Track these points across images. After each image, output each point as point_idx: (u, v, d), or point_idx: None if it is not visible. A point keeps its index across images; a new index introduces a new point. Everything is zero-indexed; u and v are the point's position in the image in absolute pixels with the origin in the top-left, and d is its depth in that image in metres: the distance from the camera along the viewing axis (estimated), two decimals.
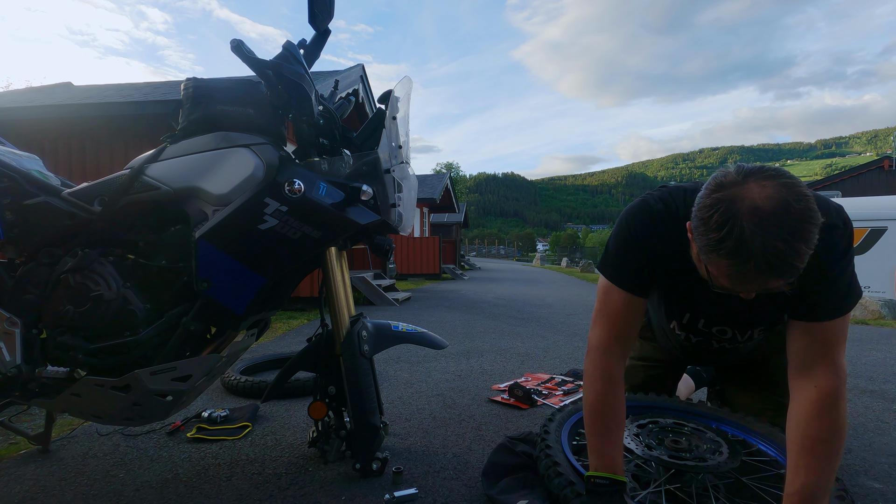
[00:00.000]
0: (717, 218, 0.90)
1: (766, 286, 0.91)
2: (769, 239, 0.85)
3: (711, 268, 0.96)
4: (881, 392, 2.51)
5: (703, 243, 0.93)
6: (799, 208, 0.86)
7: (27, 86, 16.72)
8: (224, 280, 1.33)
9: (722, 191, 0.91)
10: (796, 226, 0.85)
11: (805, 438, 1.01)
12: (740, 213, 0.87)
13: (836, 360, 1.05)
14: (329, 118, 1.54)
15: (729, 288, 0.97)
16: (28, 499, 1.38)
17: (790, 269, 0.87)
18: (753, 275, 0.89)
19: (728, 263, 0.90)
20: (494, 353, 3.42)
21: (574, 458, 1.31)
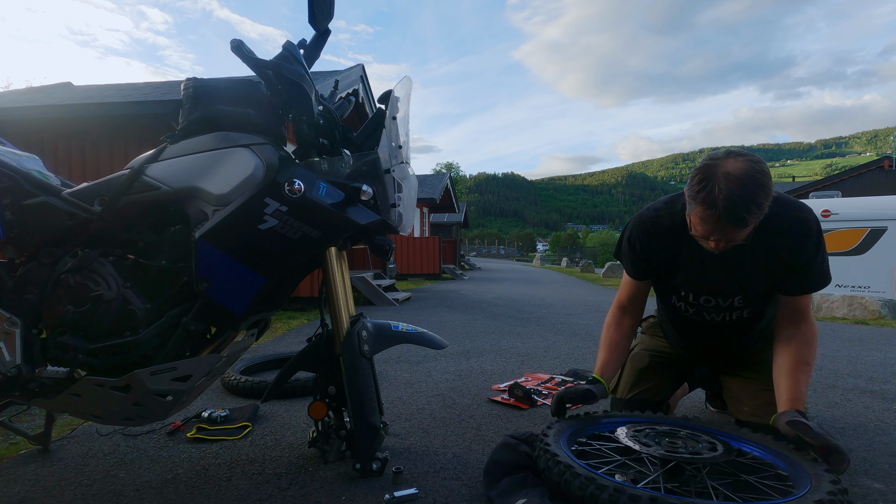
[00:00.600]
0: (700, 176, 1.30)
1: (723, 231, 1.30)
2: (731, 193, 1.23)
3: (692, 216, 1.36)
4: (881, 392, 2.51)
5: (689, 194, 1.34)
6: (758, 179, 1.25)
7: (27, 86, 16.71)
8: (224, 280, 1.33)
9: (709, 160, 1.32)
10: (752, 189, 1.24)
11: (797, 361, 1.46)
12: (716, 174, 1.27)
13: (811, 316, 1.54)
14: (329, 118, 1.54)
15: (703, 233, 1.35)
16: (28, 499, 1.38)
17: (741, 220, 1.25)
18: (715, 220, 1.28)
19: (701, 208, 1.30)
20: (494, 353, 3.42)
21: (571, 454, 1.31)
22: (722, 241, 1.34)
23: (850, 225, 6.52)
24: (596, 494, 1.12)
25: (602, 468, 1.32)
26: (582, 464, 1.26)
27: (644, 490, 1.10)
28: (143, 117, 5.30)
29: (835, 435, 1.28)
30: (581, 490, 1.15)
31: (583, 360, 3.25)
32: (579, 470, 1.20)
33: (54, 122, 5.50)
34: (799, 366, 1.44)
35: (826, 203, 6.79)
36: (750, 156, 1.29)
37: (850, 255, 6.49)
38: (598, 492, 1.12)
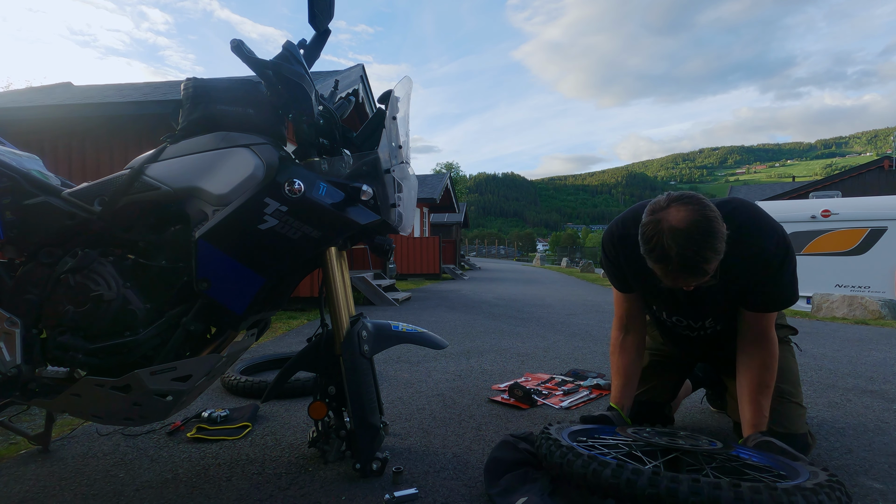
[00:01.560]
0: (648, 234, 1.29)
1: (687, 283, 1.31)
2: (682, 248, 1.22)
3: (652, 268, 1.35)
4: (881, 392, 2.51)
5: (643, 250, 1.34)
6: (704, 226, 1.23)
7: (27, 86, 16.71)
8: (224, 280, 1.33)
9: (653, 214, 1.30)
10: (702, 239, 1.22)
11: (760, 384, 1.46)
12: (663, 230, 1.25)
13: (772, 334, 1.51)
14: (329, 118, 1.54)
15: (669, 284, 1.34)
16: (28, 499, 1.38)
17: (700, 271, 1.25)
18: (675, 275, 1.28)
19: (657, 267, 1.30)
20: (494, 353, 3.42)
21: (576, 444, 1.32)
22: (690, 286, 1.35)
23: (850, 225, 6.52)
24: (599, 471, 1.11)
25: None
26: (583, 447, 1.26)
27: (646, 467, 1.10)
28: (142, 117, 5.30)
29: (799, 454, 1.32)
30: (584, 468, 1.14)
31: (583, 360, 3.25)
32: (581, 451, 1.20)
33: (54, 122, 5.50)
34: (760, 390, 1.46)
35: (826, 203, 6.79)
36: (692, 199, 1.27)
37: (850, 255, 6.49)
38: (601, 468, 1.11)
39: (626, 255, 1.56)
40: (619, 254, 1.59)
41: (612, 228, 1.63)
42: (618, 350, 1.70)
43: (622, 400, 1.64)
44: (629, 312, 1.70)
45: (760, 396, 1.45)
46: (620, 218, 1.62)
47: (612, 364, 1.71)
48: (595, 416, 1.58)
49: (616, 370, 1.69)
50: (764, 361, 1.48)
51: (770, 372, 1.47)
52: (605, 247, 1.64)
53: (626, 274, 1.61)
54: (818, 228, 6.61)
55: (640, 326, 1.71)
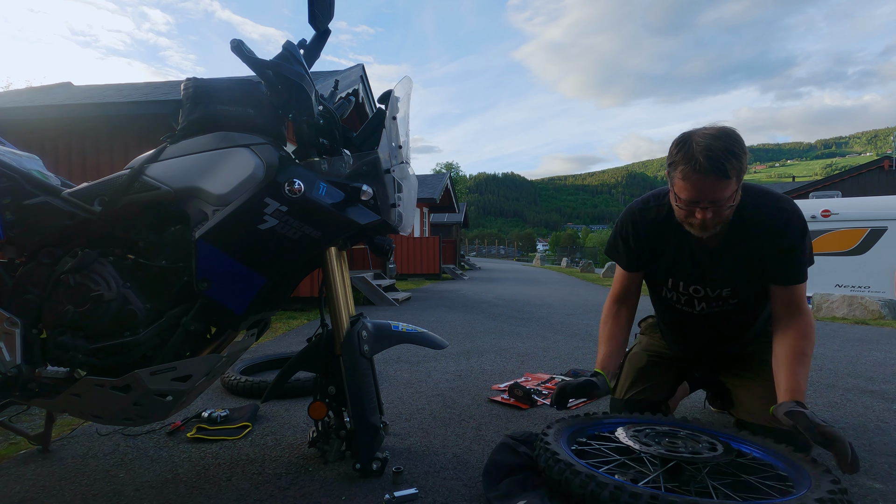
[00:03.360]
0: (677, 141, 1.40)
1: (707, 188, 1.33)
2: (709, 144, 1.31)
3: (674, 185, 1.42)
4: (881, 392, 2.51)
5: (669, 160, 1.42)
6: (732, 136, 1.34)
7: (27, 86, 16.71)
8: (224, 280, 1.33)
9: (685, 133, 1.40)
10: (728, 141, 1.32)
11: (794, 353, 1.46)
12: (692, 136, 1.37)
13: (806, 306, 1.54)
14: (329, 118, 1.54)
15: (685, 201, 1.39)
16: (28, 499, 1.38)
17: (722, 168, 1.30)
18: (697, 173, 1.32)
19: (682, 166, 1.36)
20: (494, 353, 3.42)
21: (572, 454, 1.31)
22: (708, 209, 1.37)
23: (850, 225, 6.52)
24: (597, 492, 1.12)
25: (602, 467, 1.32)
26: (582, 462, 1.26)
27: (644, 488, 1.10)
28: (142, 117, 5.30)
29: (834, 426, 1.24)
30: (581, 488, 1.15)
31: (583, 360, 3.25)
32: (579, 468, 1.20)
33: (54, 122, 5.50)
34: (796, 357, 1.45)
35: (826, 203, 6.79)
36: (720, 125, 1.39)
37: (850, 255, 6.49)
38: (599, 490, 1.12)
39: (645, 227, 1.64)
40: (639, 228, 1.65)
41: (631, 207, 1.71)
42: (611, 318, 1.76)
43: (608, 365, 1.67)
44: (628, 289, 1.77)
45: (796, 364, 1.44)
46: (640, 198, 1.72)
47: (601, 332, 1.76)
48: (580, 382, 1.58)
49: (605, 337, 1.73)
50: (799, 330, 1.48)
51: (806, 339, 1.47)
52: (622, 225, 1.69)
53: (640, 250, 1.67)
54: (818, 228, 6.61)
55: (633, 302, 1.78)
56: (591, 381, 1.58)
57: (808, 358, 1.46)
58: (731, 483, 1.31)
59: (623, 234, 1.69)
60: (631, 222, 1.67)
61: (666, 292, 1.74)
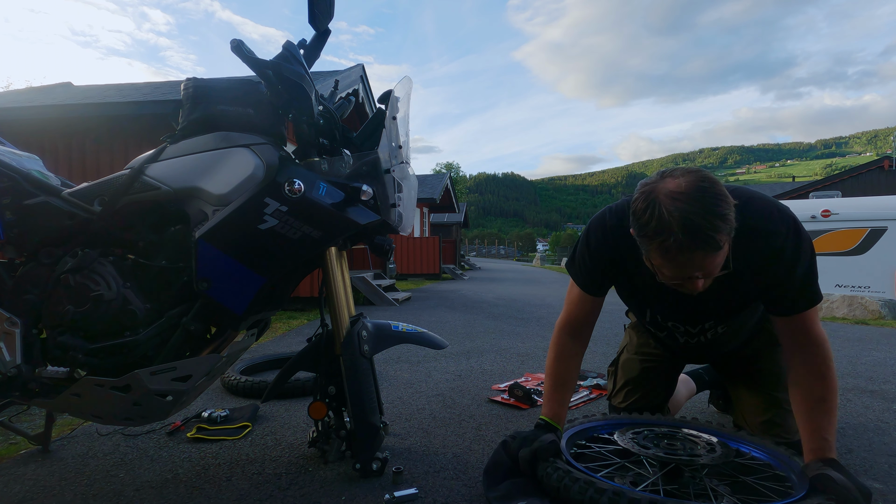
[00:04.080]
0: (641, 205, 1.09)
1: (694, 265, 1.07)
2: (685, 212, 1.02)
3: (649, 258, 1.15)
4: (881, 392, 2.50)
5: (637, 231, 1.13)
6: (709, 188, 1.04)
7: (27, 86, 16.71)
8: (224, 280, 1.33)
9: (645, 187, 1.12)
10: (708, 201, 1.02)
11: (809, 400, 1.24)
12: (659, 197, 1.06)
13: (817, 336, 1.27)
14: (329, 118, 1.54)
15: (669, 277, 1.14)
16: (28, 499, 1.38)
17: (709, 241, 1.03)
18: (678, 250, 1.05)
19: (656, 244, 1.07)
20: (494, 353, 3.42)
21: (571, 459, 1.31)
22: (699, 279, 1.12)
23: (850, 225, 6.52)
24: (595, 498, 1.12)
25: (601, 471, 1.32)
26: (580, 467, 1.26)
27: (643, 493, 1.10)
28: (142, 117, 5.30)
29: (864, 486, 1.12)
30: (580, 494, 1.15)
31: (583, 360, 3.25)
32: (578, 474, 1.20)
33: (54, 122, 5.50)
34: (815, 406, 1.24)
35: (826, 203, 6.79)
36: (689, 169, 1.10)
37: (850, 255, 6.49)
38: (598, 496, 1.11)
39: (617, 249, 1.37)
40: (609, 247, 1.39)
41: (603, 217, 1.42)
42: (564, 357, 1.49)
43: (560, 416, 1.46)
44: (586, 318, 1.50)
45: (817, 414, 1.23)
46: (615, 206, 1.42)
47: (552, 371, 1.49)
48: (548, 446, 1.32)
49: (558, 380, 1.48)
50: (813, 370, 1.25)
51: (823, 381, 1.24)
52: (591, 236, 1.42)
53: (607, 272, 1.44)
54: (818, 228, 6.61)
55: (589, 332, 1.54)
56: (555, 442, 1.34)
57: (828, 403, 1.23)
58: (730, 484, 1.31)
59: (590, 247, 1.43)
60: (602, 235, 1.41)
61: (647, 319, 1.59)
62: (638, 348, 1.82)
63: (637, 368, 1.77)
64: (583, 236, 1.46)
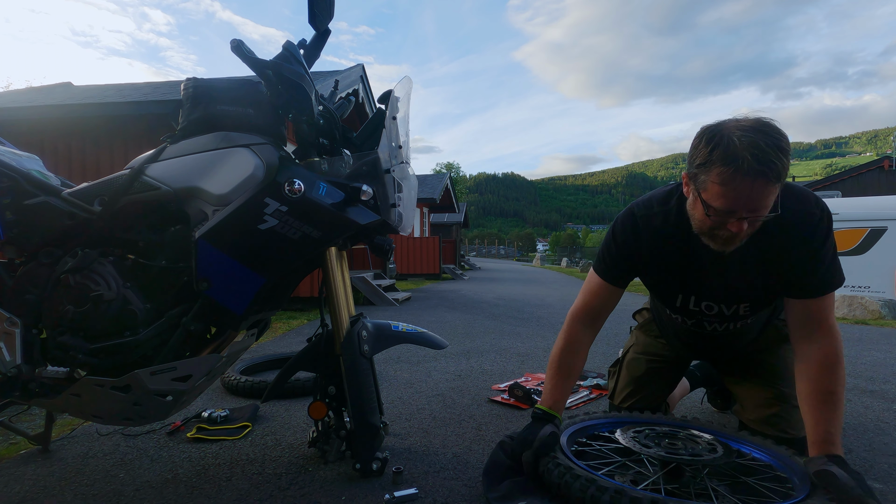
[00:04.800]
0: (707, 136, 1.13)
1: (753, 195, 1.08)
2: (754, 140, 1.05)
3: (706, 191, 1.15)
4: (881, 392, 2.51)
5: (699, 161, 1.14)
6: (774, 126, 1.09)
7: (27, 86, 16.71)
8: (224, 280, 1.33)
9: (707, 127, 1.15)
10: (773, 135, 1.07)
11: (818, 392, 1.22)
12: (727, 129, 1.10)
13: (831, 326, 1.27)
14: (329, 118, 1.54)
15: (723, 208, 1.13)
16: (28, 499, 1.38)
17: (774, 168, 1.05)
18: (742, 175, 1.06)
19: (720, 168, 1.09)
20: (494, 353, 3.42)
21: (572, 457, 1.31)
22: (746, 219, 1.13)
23: (850, 225, 6.52)
24: (597, 496, 1.12)
25: (602, 469, 1.32)
26: (582, 465, 1.26)
27: (645, 492, 1.10)
28: (142, 117, 5.30)
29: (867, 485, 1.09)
30: (581, 492, 1.15)
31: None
32: (579, 472, 1.20)
33: (54, 122, 5.50)
34: (821, 398, 1.22)
35: (826, 203, 6.79)
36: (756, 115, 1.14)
37: (850, 255, 6.49)
38: (599, 494, 1.12)
39: (649, 237, 1.38)
40: (638, 237, 1.39)
41: (630, 211, 1.44)
42: (572, 348, 1.48)
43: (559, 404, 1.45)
44: (602, 307, 1.50)
45: (824, 407, 1.21)
46: (641, 200, 1.45)
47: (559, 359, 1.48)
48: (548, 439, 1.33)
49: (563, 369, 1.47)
50: (823, 361, 1.24)
51: (833, 374, 1.22)
52: (618, 228, 1.45)
53: (633, 262, 1.44)
54: None
55: (599, 325, 1.53)
56: (555, 434, 1.36)
57: (836, 396, 1.22)
58: (731, 485, 1.31)
59: (616, 236, 1.45)
60: (631, 226, 1.42)
61: (671, 312, 1.57)
62: (644, 348, 1.83)
63: (642, 368, 1.78)
64: (610, 231, 1.49)
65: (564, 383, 1.47)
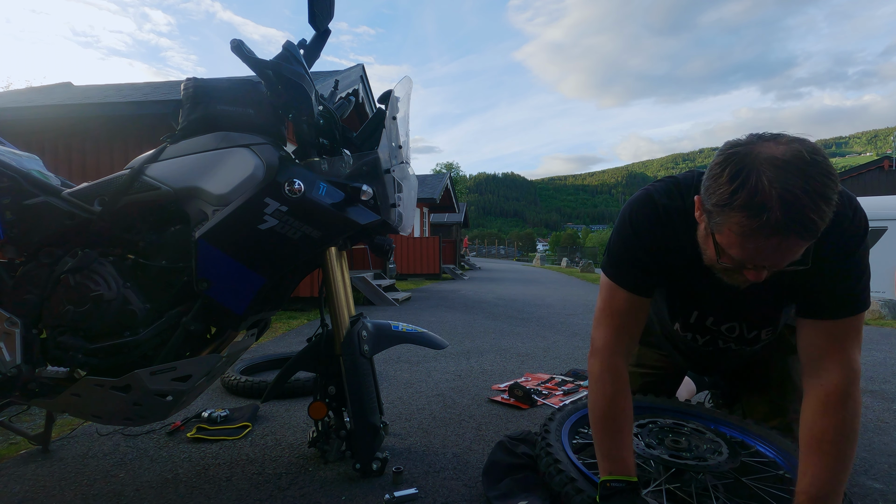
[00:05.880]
0: (731, 169, 0.84)
1: (777, 252, 0.84)
2: (788, 186, 0.79)
3: (721, 235, 0.90)
4: (881, 392, 2.51)
5: (715, 200, 0.87)
6: (819, 161, 0.81)
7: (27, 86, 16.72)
8: (224, 280, 1.33)
9: (736, 148, 0.87)
10: (816, 178, 0.79)
11: (811, 437, 1.00)
12: (757, 163, 0.82)
13: (846, 357, 1.00)
14: (329, 118, 1.54)
15: (739, 259, 0.90)
16: (28, 499, 1.38)
17: (809, 226, 0.80)
18: (768, 232, 0.82)
19: (741, 218, 0.83)
20: (494, 353, 3.42)
21: (575, 457, 1.31)
22: (765, 270, 0.91)
23: None
24: None
25: None
26: (584, 469, 1.25)
27: None
28: (142, 117, 5.30)
29: None
30: None
31: (583, 360, 3.25)
32: (582, 484, 1.18)
33: (54, 122, 5.50)
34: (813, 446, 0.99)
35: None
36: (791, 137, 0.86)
37: None
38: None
39: (674, 233, 1.09)
40: (665, 229, 1.10)
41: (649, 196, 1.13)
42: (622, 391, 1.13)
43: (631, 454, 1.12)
44: (638, 330, 1.18)
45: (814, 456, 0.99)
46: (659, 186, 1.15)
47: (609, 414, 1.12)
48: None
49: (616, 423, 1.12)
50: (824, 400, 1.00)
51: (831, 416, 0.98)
52: (637, 218, 1.14)
53: (660, 263, 1.13)
54: None
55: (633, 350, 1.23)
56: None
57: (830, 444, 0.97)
58: (734, 483, 1.31)
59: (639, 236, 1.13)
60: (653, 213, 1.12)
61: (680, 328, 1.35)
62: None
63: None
64: (623, 223, 1.16)
65: (625, 436, 1.12)
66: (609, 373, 1.14)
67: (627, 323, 1.16)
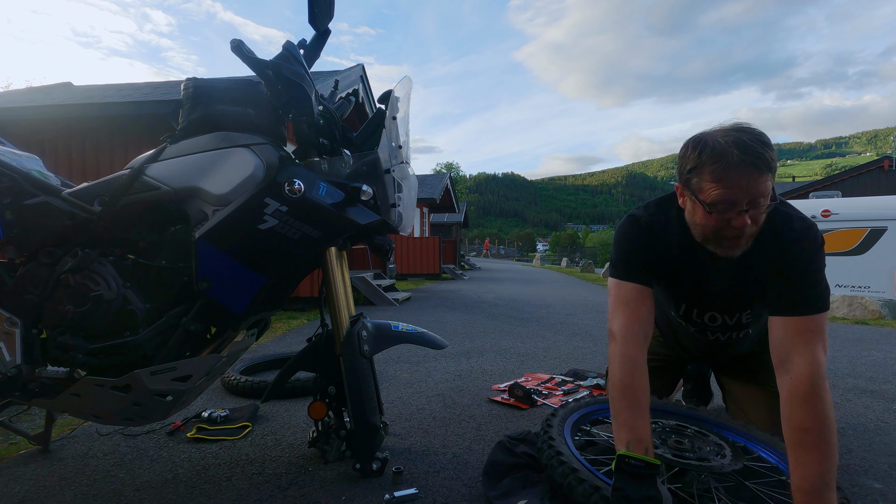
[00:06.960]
0: (692, 143, 1.18)
1: (748, 185, 1.09)
2: (738, 137, 1.10)
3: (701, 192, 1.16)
4: (881, 392, 2.51)
5: (689, 166, 1.18)
6: (756, 129, 1.12)
7: (27, 86, 16.72)
8: (224, 280, 1.33)
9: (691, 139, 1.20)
10: (754, 132, 1.11)
11: (792, 430, 1.07)
12: (710, 135, 1.15)
13: (811, 351, 1.11)
14: (329, 118, 1.54)
15: (720, 201, 1.12)
16: (28, 499, 1.38)
17: (762, 159, 1.08)
18: (734, 171, 1.09)
19: (711, 167, 1.12)
20: (494, 353, 3.42)
21: (577, 453, 1.31)
22: (747, 211, 1.11)
23: (850, 225, 6.52)
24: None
25: (608, 464, 1.31)
26: (586, 464, 1.25)
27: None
28: (142, 117, 5.30)
29: None
30: (584, 498, 1.15)
31: (583, 359, 3.25)
32: (584, 475, 1.19)
33: (54, 122, 5.50)
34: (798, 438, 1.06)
35: (826, 203, 6.79)
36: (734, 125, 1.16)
37: (850, 255, 6.49)
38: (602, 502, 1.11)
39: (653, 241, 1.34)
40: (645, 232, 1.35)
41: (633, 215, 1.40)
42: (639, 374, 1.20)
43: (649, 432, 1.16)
44: (649, 314, 1.30)
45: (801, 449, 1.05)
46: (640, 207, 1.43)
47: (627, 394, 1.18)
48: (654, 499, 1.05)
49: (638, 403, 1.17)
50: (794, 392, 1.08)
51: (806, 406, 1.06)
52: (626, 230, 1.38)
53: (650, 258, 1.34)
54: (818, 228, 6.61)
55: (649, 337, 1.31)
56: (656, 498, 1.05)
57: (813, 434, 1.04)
58: (735, 487, 1.31)
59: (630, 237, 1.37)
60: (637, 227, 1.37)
61: (675, 315, 1.55)
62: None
63: None
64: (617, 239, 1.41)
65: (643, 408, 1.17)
66: (628, 353, 1.23)
67: (638, 308, 1.30)
